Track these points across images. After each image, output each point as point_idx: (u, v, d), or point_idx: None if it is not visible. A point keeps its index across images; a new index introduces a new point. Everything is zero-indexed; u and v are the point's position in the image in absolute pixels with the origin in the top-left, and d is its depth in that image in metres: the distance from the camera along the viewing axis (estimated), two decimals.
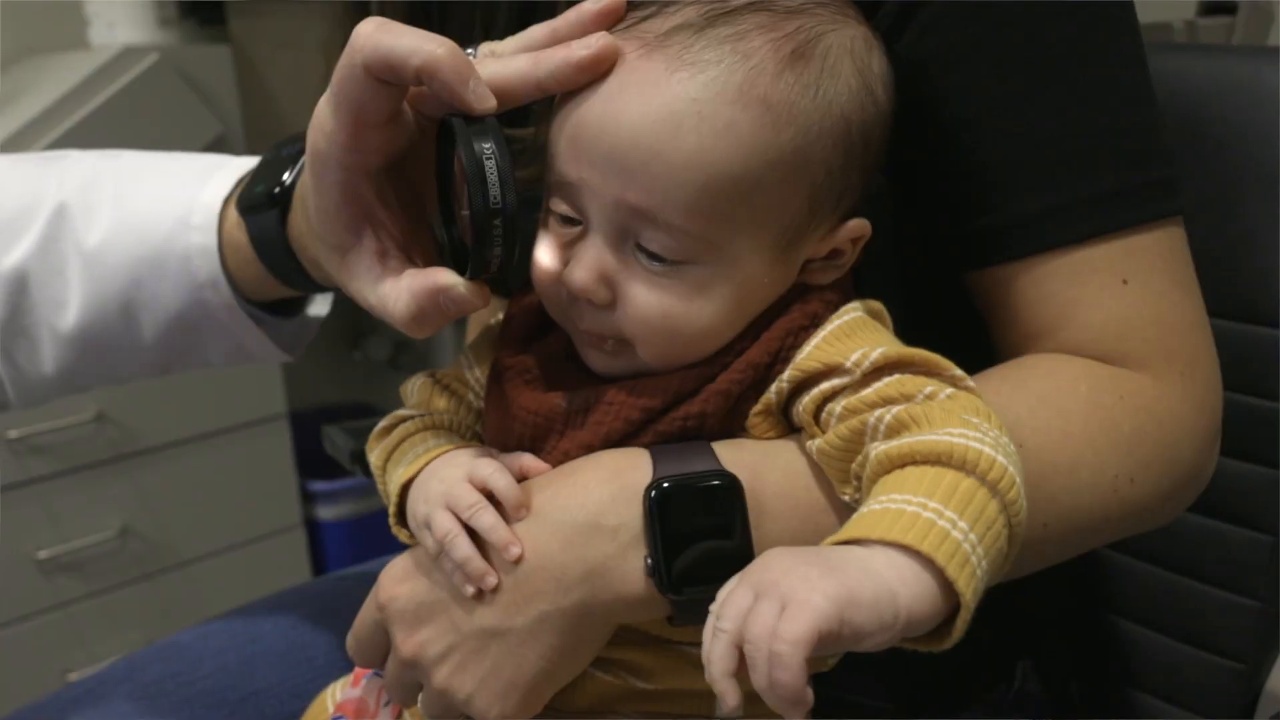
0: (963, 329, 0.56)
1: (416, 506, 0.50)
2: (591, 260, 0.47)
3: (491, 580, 0.47)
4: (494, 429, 0.53)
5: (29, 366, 0.68)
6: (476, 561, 0.47)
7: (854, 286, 0.53)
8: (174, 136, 1.64)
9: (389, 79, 0.46)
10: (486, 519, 0.47)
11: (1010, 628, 0.65)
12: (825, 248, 0.50)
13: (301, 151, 0.57)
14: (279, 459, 1.89)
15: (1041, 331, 0.54)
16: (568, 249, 0.48)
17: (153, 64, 1.61)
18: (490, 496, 0.48)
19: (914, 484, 0.40)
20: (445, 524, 0.48)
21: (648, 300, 0.47)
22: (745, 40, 0.46)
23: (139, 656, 0.72)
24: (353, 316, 2.27)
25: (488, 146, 0.45)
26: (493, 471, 0.48)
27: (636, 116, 0.45)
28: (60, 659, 1.68)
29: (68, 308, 0.66)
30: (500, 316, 0.57)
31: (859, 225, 0.50)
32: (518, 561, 0.47)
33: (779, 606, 0.36)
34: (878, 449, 0.43)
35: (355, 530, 2.01)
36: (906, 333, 0.52)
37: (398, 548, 0.55)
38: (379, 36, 0.45)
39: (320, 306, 0.69)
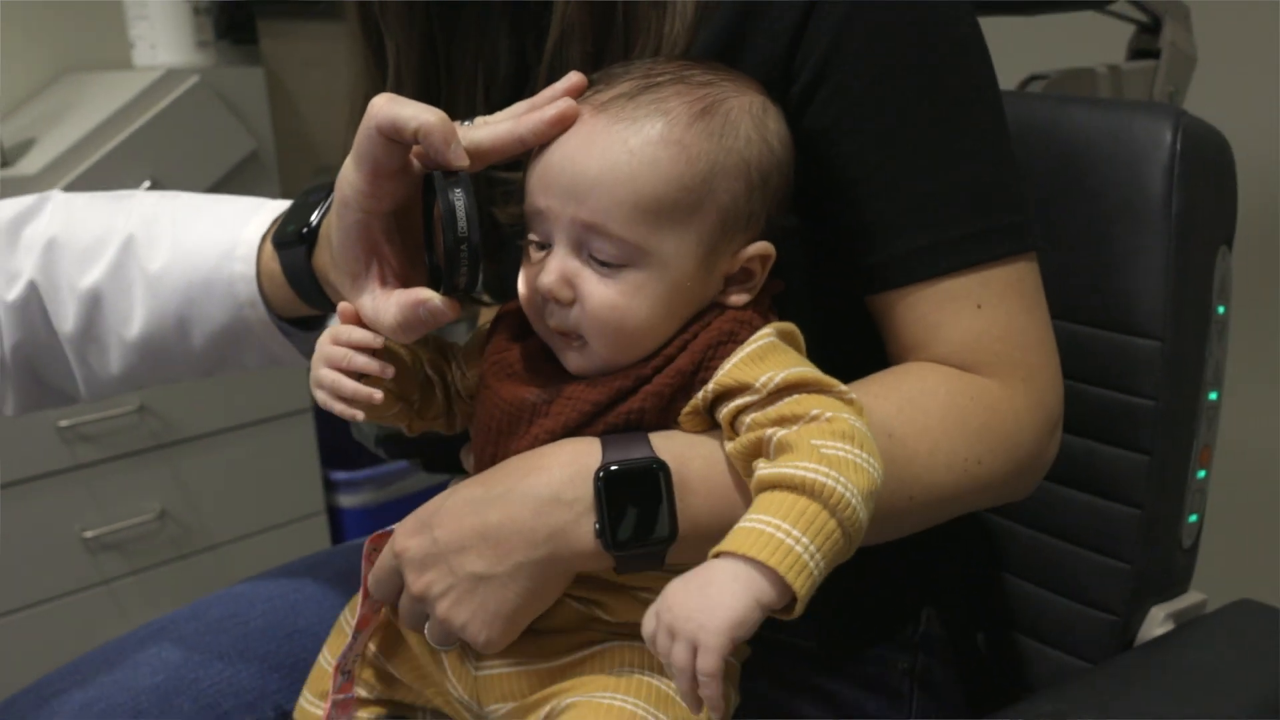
0: (868, 341, 0.69)
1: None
2: (556, 266, 0.60)
3: (378, 396, 0.62)
4: (481, 411, 0.66)
5: (99, 368, 0.79)
6: (360, 389, 0.62)
7: (775, 309, 0.65)
8: (212, 152, 1.76)
9: (395, 138, 0.59)
10: (358, 360, 0.62)
11: (913, 581, 0.77)
12: (737, 264, 0.61)
13: (324, 199, 0.70)
14: (304, 450, 1.99)
15: (915, 345, 0.67)
16: (541, 266, 0.61)
17: (193, 85, 1.72)
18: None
19: (775, 507, 0.52)
20: (326, 376, 0.63)
21: (599, 295, 0.59)
22: (666, 102, 0.59)
23: (201, 602, 0.85)
24: None
25: (459, 193, 0.58)
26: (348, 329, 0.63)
27: (586, 156, 0.59)
28: (102, 630, 1.72)
29: (133, 320, 0.76)
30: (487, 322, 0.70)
31: (764, 246, 0.61)
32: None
33: (691, 649, 0.50)
34: (761, 470, 0.55)
35: (373, 516, 2.09)
36: (822, 346, 0.64)
37: None
38: (389, 106, 0.59)
39: (334, 322, 0.82)
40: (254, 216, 0.76)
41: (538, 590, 0.61)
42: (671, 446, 0.60)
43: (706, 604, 0.50)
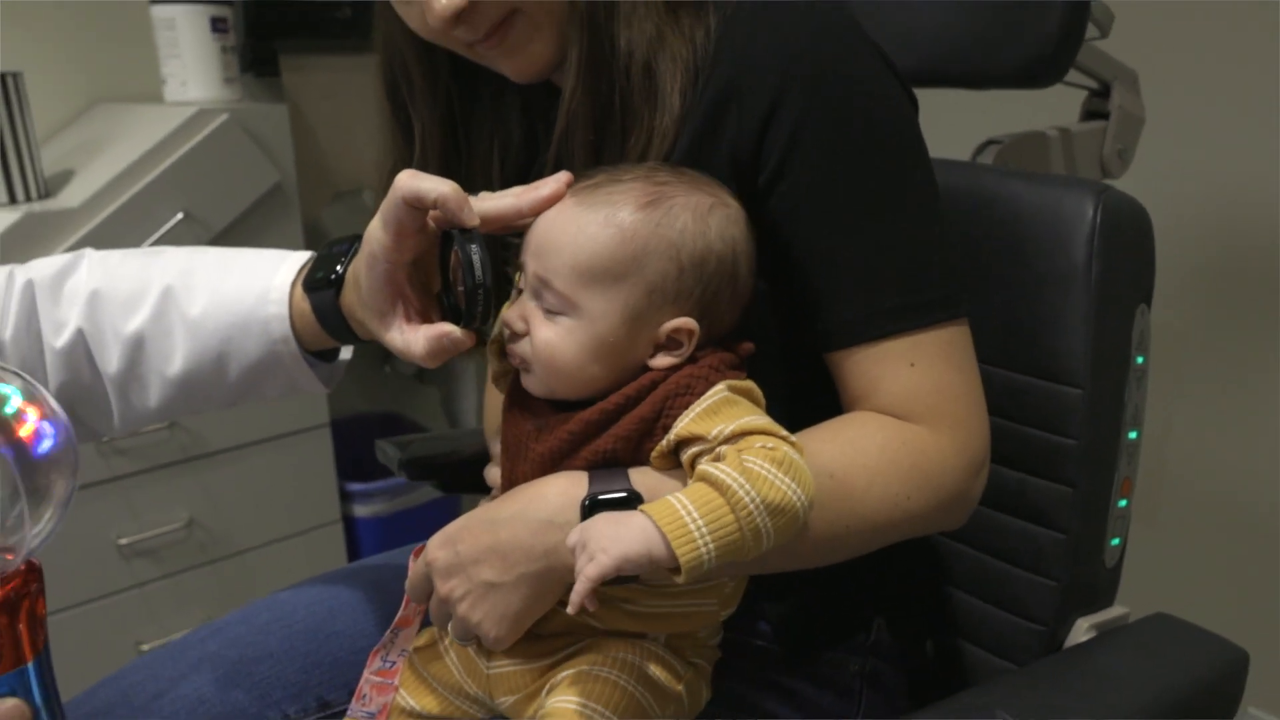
0: (835, 395, 0.81)
1: None
2: (518, 307, 0.73)
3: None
4: (504, 434, 0.79)
5: (138, 403, 0.87)
6: None
7: (743, 368, 0.76)
8: (239, 185, 1.86)
9: (416, 205, 0.71)
10: None
11: (866, 594, 0.89)
12: (663, 333, 0.71)
13: (345, 250, 0.82)
14: (321, 462, 2.08)
15: (859, 397, 0.79)
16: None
17: (223, 123, 1.81)
18: None
19: (692, 494, 0.64)
20: None
21: (540, 333, 0.72)
22: (622, 194, 0.71)
23: (250, 608, 0.96)
24: None
25: (474, 247, 0.71)
26: None
27: (551, 227, 0.72)
28: (134, 631, 1.87)
29: (174, 359, 0.85)
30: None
31: (687, 321, 0.71)
32: None
33: (589, 559, 0.62)
34: (699, 466, 0.67)
35: (386, 525, 2.20)
36: (793, 400, 0.77)
37: (422, 538, 0.80)
38: (411, 181, 0.71)
39: (347, 354, 0.91)
40: (281, 265, 0.86)
41: (537, 596, 0.73)
42: (645, 481, 0.71)
43: (613, 536, 0.63)
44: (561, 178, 0.74)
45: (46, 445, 0.61)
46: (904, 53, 1.09)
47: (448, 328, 0.74)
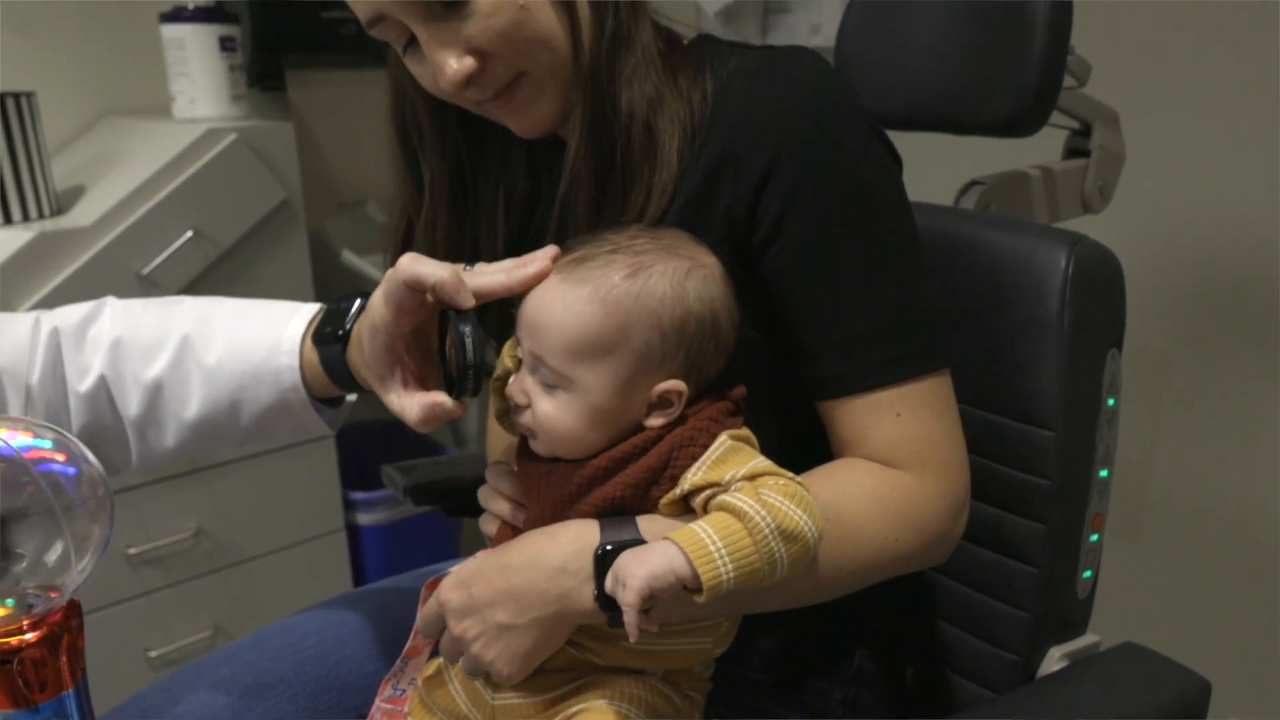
0: (824, 437, 0.86)
1: None
2: (518, 381, 0.78)
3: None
4: (519, 473, 0.84)
5: (156, 444, 0.92)
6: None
7: (740, 411, 0.80)
8: (247, 203, 1.90)
9: (416, 288, 0.76)
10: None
11: (848, 626, 0.94)
12: (655, 395, 0.76)
13: (352, 307, 0.87)
14: (325, 472, 2.12)
15: (849, 443, 0.84)
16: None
17: (231, 142, 1.85)
18: None
19: (713, 520, 0.70)
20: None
21: (540, 407, 0.77)
22: (603, 268, 0.75)
23: (262, 633, 1.01)
24: None
25: (467, 329, 0.75)
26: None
27: (540, 306, 0.76)
28: (143, 639, 1.92)
29: (191, 404, 0.90)
30: None
31: (676, 384, 0.76)
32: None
33: (622, 586, 0.68)
34: (718, 497, 0.72)
35: (389, 533, 2.24)
36: (784, 443, 0.81)
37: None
38: (413, 266, 0.76)
39: (352, 397, 0.95)
40: (292, 318, 0.91)
41: (548, 637, 0.77)
42: (653, 528, 0.75)
43: (639, 560, 0.69)
44: (548, 253, 0.78)
45: (87, 496, 0.65)
46: (891, 98, 1.15)
47: (440, 398, 0.79)
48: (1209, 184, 1.56)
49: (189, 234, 1.82)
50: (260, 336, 0.90)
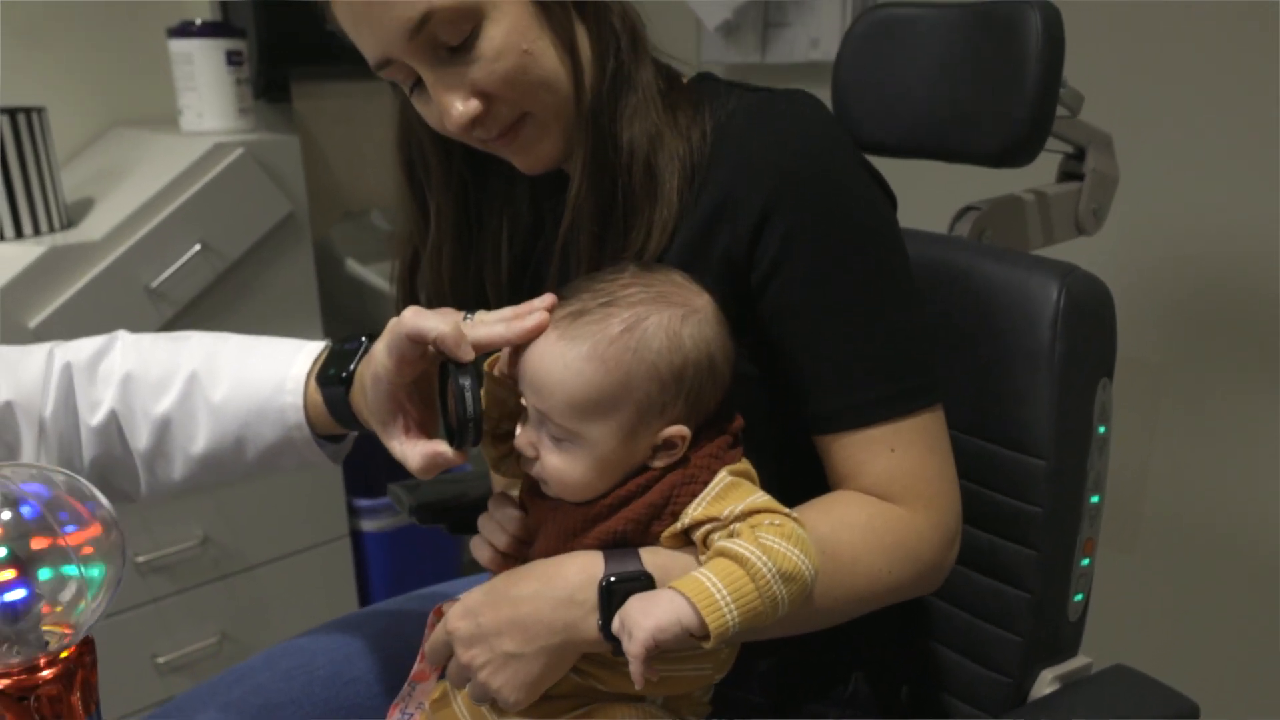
0: (821, 469, 0.88)
1: None
2: (527, 435, 0.80)
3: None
4: (527, 505, 0.86)
5: (164, 477, 0.95)
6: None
7: (739, 443, 0.82)
8: (253, 216, 1.93)
9: (418, 341, 0.78)
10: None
11: (844, 651, 0.96)
12: (660, 438, 0.77)
13: (356, 349, 0.88)
14: (330, 480, 2.15)
15: (844, 477, 0.86)
16: (524, 430, 0.80)
17: (238, 157, 1.88)
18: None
19: (715, 567, 0.72)
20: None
21: (549, 460, 0.78)
22: (598, 324, 0.76)
23: (272, 652, 1.03)
24: None
25: (467, 382, 0.77)
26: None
27: (540, 363, 0.77)
28: (150, 645, 1.95)
29: (198, 440, 0.92)
30: None
31: (680, 429, 0.77)
32: None
33: (629, 637, 0.70)
34: (718, 543, 0.74)
35: (392, 539, 2.27)
36: (782, 474, 0.84)
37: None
38: (415, 320, 0.77)
39: (353, 434, 0.97)
40: (296, 357, 0.93)
41: (554, 665, 0.80)
42: (656, 561, 0.78)
43: (646, 612, 0.71)
44: (545, 302, 0.79)
45: (100, 537, 0.68)
46: (888, 126, 1.17)
47: (441, 447, 0.80)
48: (1203, 199, 1.58)
49: (197, 247, 1.85)
50: (265, 375, 0.92)
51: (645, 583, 0.77)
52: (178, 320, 1.87)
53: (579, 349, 0.76)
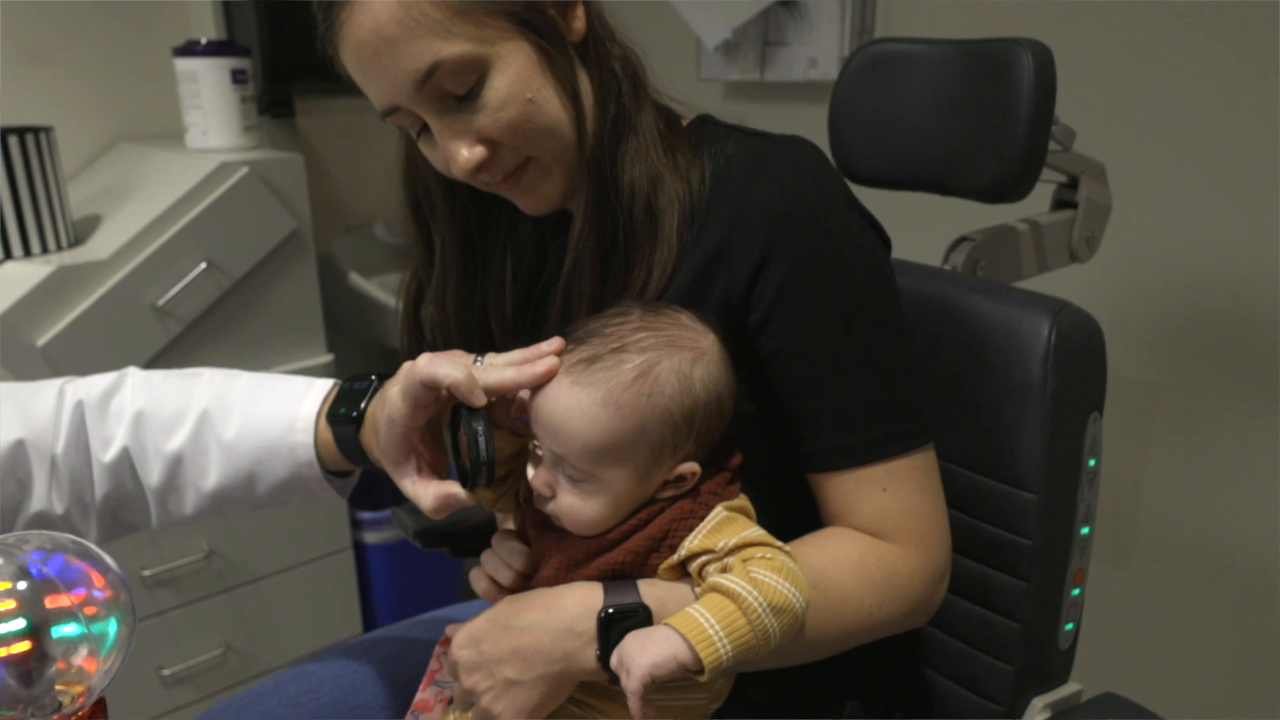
0: (813, 501, 0.91)
1: None
2: (542, 474, 0.82)
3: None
4: (531, 537, 0.88)
5: (175, 511, 0.97)
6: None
7: (738, 478, 0.85)
8: (258, 234, 1.95)
9: (432, 387, 0.80)
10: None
11: (837, 676, 0.99)
12: (672, 475, 0.80)
13: (366, 389, 0.90)
14: None
15: (837, 514, 0.88)
16: (537, 470, 0.83)
17: (243, 176, 1.90)
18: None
19: (708, 603, 0.75)
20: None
21: (564, 499, 0.81)
22: (611, 370, 0.78)
23: (279, 678, 1.05)
24: (391, 363, 2.56)
25: (479, 426, 0.79)
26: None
27: (555, 408, 0.79)
28: (156, 657, 1.98)
29: (209, 476, 0.94)
30: None
31: (691, 466, 0.81)
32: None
33: (627, 673, 0.73)
34: (710, 578, 0.77)
35: (395, 551, 2.30)
36: (777, 505, 0.86)
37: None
38: (429, 367, 0.79)
39: (360, 470, 0.98)
40: (307, 395, 0.95)
41: (553, 693, 0.82)
42: (654, 592, 0.80)
43: (642, 648, 0.74)
44: (553, 346, 0.82)
45: (110, 602, 0.70)
46: (884, 159, 1.19)
47: (453, 488, 0.83)
48: (1198, 220, 1.60)
49: (203, 265, 1.87)
50: (276, 413, 0.94)
51: (643, 614, 0.79)
52: (184, 337, 1.89)
53: (594, 395, 0.79)
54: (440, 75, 0.83)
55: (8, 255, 1.77)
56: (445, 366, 0.79)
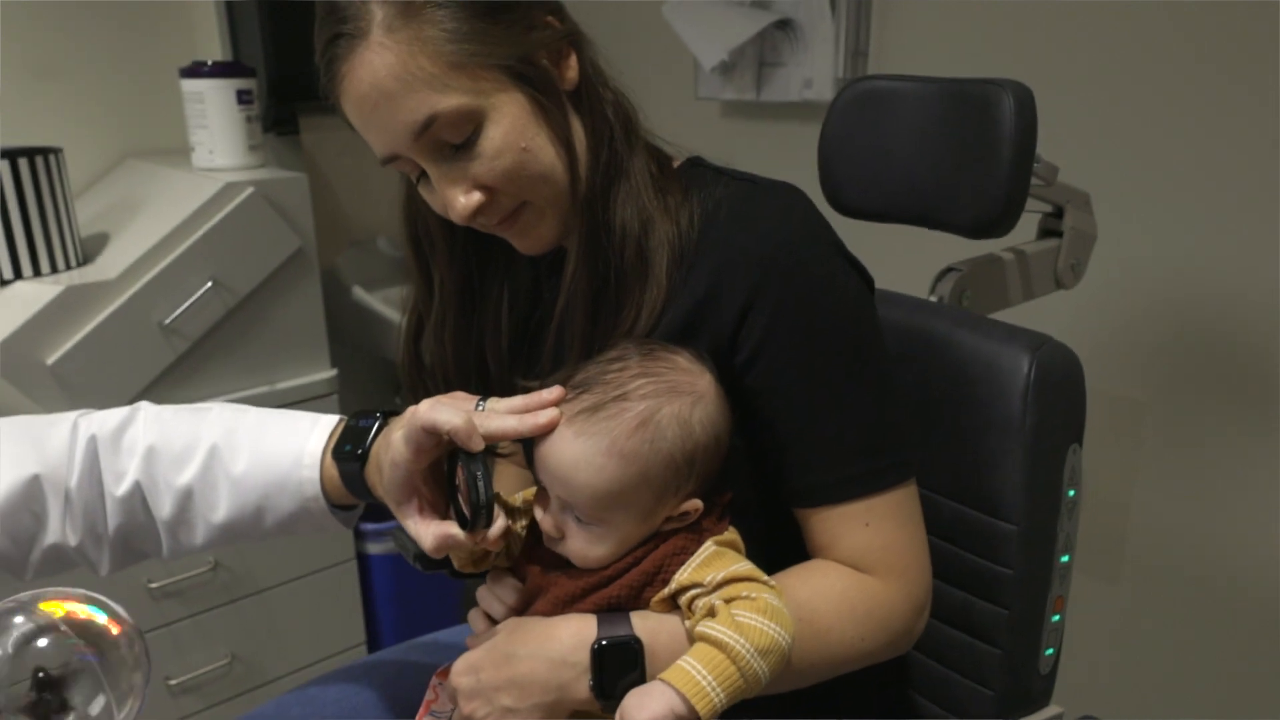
0: (799, 532, 0.94)
1: None
2: (551, 519, 0.85)
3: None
4: (527, 580, 0.91)
5: (185, 542, 0.99)
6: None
7: (727, 514, 0.88)
8: (263, 253, 1.98)
9: (433, 433, 0.82)
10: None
11: (822, 700, 1.02)
12: (676, 513, 0.84)
13: (371, 426, 0.93)
14: None
15: (822, 547, 0.91)
16: (544, 512, 0.86)
17: (248, 196, 1.92)
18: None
19: (697, 653, 0.78)
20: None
21: (573, 540, 0.84)
22: (613, 419, 0.82)
23: (283, 700, 1.09)
24: (393, 376, 2.60)
25: (479, 471, 0.82)
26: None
27: (560, 458, 0.82)
28: (163, 668, 1.99)
29: (218, 509, 0.97)
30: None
31: (694, 503, 0.84)
32: None
33: None
34: (698, 627, 0.80)
35: (397, 562, 2.30)
36: (769, 539, 0.90)
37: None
38: (430, 413, 0.82)
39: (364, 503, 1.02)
40: (313, 431, 0.98)
41: None
42: (646, 625, 0.84)
43: (640, 705, 0.77)
44: (554, 395, 0.85)
45: (125, 653, 0.73)
46: (872, 192, 1.22)
47: (453, 530, 0.85)
48: (1186, 239, 1.63)
49: (208, 284, 1.90)
50: (283, 450, 0.97)
51: (635, 645, 0.83)
52: (190, 355, 1.92)
53: (598, 444, 0.82)
54: (437, 126, 0.86)
55: (18, 275, 1.80)
56: (446, 413, 0.82)
